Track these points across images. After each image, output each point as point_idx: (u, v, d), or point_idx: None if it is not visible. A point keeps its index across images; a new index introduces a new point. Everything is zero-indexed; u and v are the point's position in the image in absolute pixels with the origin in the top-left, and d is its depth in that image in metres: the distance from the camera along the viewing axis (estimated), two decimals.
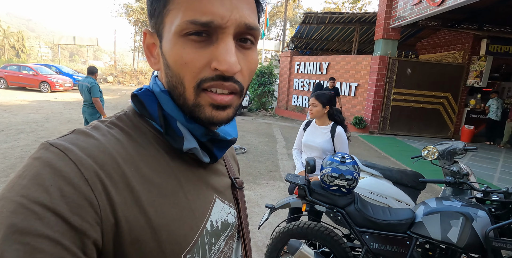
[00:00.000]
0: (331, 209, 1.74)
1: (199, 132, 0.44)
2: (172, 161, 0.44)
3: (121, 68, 25.91)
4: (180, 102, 0.42)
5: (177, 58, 0.40)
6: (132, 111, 0.46)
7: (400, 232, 1.68)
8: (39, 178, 0.32)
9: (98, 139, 0.38)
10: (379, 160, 5.94)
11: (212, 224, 0.47)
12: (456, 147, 2.56)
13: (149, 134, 0.44)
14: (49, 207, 0.31)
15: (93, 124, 0.42)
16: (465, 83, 8.62)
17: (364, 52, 12.32)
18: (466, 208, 1.61)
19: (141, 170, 0.39)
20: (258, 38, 0.43)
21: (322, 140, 2.22)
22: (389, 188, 2.66)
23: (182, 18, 0.38)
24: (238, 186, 0.57)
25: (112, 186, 0.36)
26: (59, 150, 0.35)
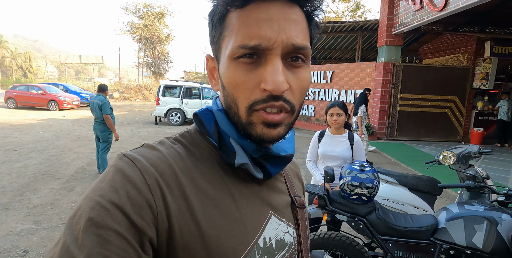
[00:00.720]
0: (353, 218, 1.73)
1: (251, 148, 0.46)
2: (226, 175, 0.46)
3: (126, 84, 26.33)
4: (235, 120, 0.45)
5: (230, 80, 0.42)
6: (194, 129, 0.51)
7: (424, 239, 1.66)
8: (112, 181, 0.37)
9: (162, 151, 0.43)
10: (390, 167, 5.88)
11: (265, 240, 0.46)
12: (471, 150, 2.55)
13: (206, 149, 0.47)
14: (118, 205, 0.35)
15: (160, 140, 0.47)
16: (472, 85, 8.59)
17: (367, 59, 12.40)
18: (489, 212, 1.59)
19: (196, 181, 0.43)
20: (309, 57, 0.44)
21: (342, 148, 2.23)
22: (405, 194, 2.63)
23: (234, 43, 0.41)
24: (299, 204, 0.55)
25: (169, 193, 0.39)
26: (129, 159, 0.40)
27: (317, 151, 2.30)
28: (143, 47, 31.17)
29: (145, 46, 30.94)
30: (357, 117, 5.72)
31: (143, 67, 32.65)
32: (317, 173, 2.25)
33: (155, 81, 26.95)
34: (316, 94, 10.46)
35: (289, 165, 0.64)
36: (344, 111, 2.20)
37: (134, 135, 8.43)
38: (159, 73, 31.78)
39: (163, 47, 31.96)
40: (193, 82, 12.19)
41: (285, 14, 0.41)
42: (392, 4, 7.96)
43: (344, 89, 9.53)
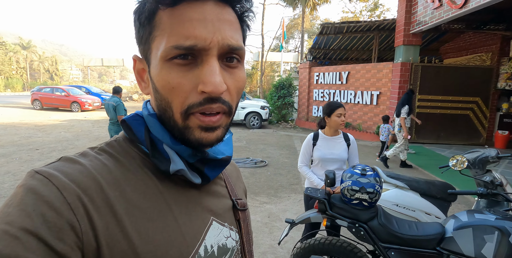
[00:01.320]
0: (353, 224, 1.67)
1: (186, 153, 0.44)
2: (161, 184, 0.43)
3: None
4: (170, 124, 0.43)
5: (164, 83, 0.40)
6: (123, 137, 0.47)
7: (429, 248, 1.58)
8: (23, 204, 0.33)
9: (84, 164, 0.39)
10: (406, 171, 5.69)
11: (207, 248, 0.45)
12: (488, 154, 2.41)
13: (138, 158, 0.44)
14: (31, 231, 0.31)
15: (82, 151, 0.43)
16: (496, 86, 8.18)
17: (384, 59, 12.09)
18: (501, 221, 1.49)
19: (127, 194, 0.40)
20: (243, 57, 0.44)
21: (340, 150, 2.18)
22: (416, 200, 2.52)
23: (167, 44, 0.39)
24: (240, 207, 0.55)
25: (94, 210, 0.36)
26: (44, 176, 0.36)
27: (310, 155, 2.22)
28: None
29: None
30: (400, 118, 5.58)
31: None
32: (314, 177, 2.17)
33: None
34: (332, 95, 10.31)
35: (229, 167, 0.62)
36: (345, 111, 2.17)
37: None
38: None
39: None
40: None
41: (218, 14, 0.40)
42: (410, 2, 7.72)
43: (360, 90, 9.32)
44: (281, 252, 2.70)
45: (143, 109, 0.48)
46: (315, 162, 2.22)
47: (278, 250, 2.73)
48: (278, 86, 11.52)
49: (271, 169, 5.44)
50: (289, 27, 29.73)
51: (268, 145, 7.69)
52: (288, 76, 12.29)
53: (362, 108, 9.44)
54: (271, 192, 4.25)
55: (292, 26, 30.35)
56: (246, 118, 10.74)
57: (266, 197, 4.10)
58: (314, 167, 2.24)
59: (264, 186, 4.52)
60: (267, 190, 4.34)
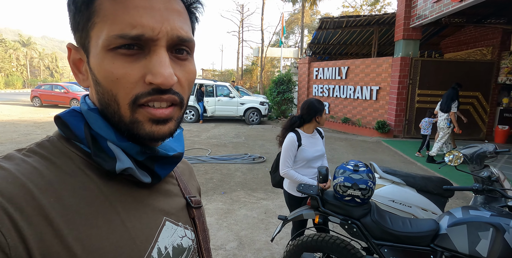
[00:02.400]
0: (346, 221, 1.64)
1: (134, 150, 0.41)
2: (105, 185, 0.40)
3: None
4: (115, 120, 0.39)
5: (107, 74, 0.37)
6: (58, 136, 0.42)
7: (423, 245, 1.55)
8: None
9: (8, 169, 0.35)
10: (404, 166, 5.66)
11: (160, 251, 0.42)
12: (486, 150, 2.37)
13: (76, 159, 0.40)
14: None
15: (5, 154, 0.38)
16: (496, 80, 8.11)
17: (384, 54, 11.99)
18: (496, 218, 1.46)
19: (63, 199, 0.36)
20: (193, 49, 0.42)
21: (320, 145, 2.19)
22: (412, 196, 2.50)
23: (110, 32, 0.36)
24: (194, 205, 0.53)
25: (23, 221, 0.32)
26: None
27: (295, 156, 2.09)
28: None
29: None
30: (451, 113, 5.60)
31: None
32: (306, 179, 2.06)
33: None
34: (331, 91, 10.25)
35: (180, 165, 0.60)
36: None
37: None
38: None
39: None
40: (209, 80, 12.32)
41: (166, 4, 0.38)
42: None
43: (360, 85, 9.26)
44: (276, 249, 2.69)
45: (81, 104, 0.43)
46: (300, 163, 2.11)
47: (274, 247, 2.71)
48: (278, 81, 11.46)
49: (269, 165, 5.42)
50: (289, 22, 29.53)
51: (267, 140, 7.66)
52: (287, 72, 12.21)
53: (361, 104, 9.38)
54: (268, 188, 4.23)
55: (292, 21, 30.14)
56: (245, 114, 10.73)
57: (263, 193, 4.09)
58: (299, 168, 2.13)
59: (261, 182, 4.50)
60: (264, 186, 4.32)
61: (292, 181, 2.14)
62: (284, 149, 2.08)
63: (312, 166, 2.13)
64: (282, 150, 2.10)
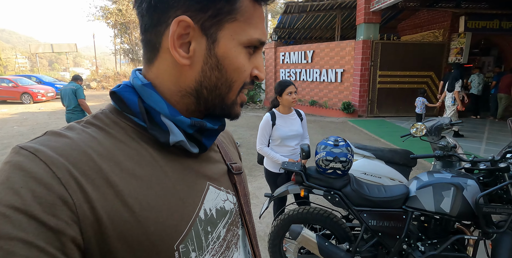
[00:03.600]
0: (329, 192, 1.78)
1: (185, 124, 0.45)
2: (156, 153, 0.43)
3: (103, 72, 25.39)
4: (215, 102, 0.47)
5: (239, 66, 0.45)
6: (110, 108, 0.45)
7: (396, 208, 1.74)
8: (9, 182, 0.32)
9: (71, 137, 0.38)
10: (369, 143, 6.04)
11: (206, 212, 0.46)
12: (443, 122, 2.64)
13: (128, 129, 0.43)
14: (20, 209, 0.30)
15: (68, 125, 0.42)
16: (447, 60, 8.77)
17: (347, 37, 12.37)
18: (456, 178, 1.67)
19: (121, 164, 0.39)
20: None
21: (297, 126, 2.27)
22: (381, 167, 2.73)
23: (254, 35, 0.45)
24: (235, 171, 0.56)
25: (88, 183, 0.35)
26: (29, 152, 0.34)
27: (270, 135, 2.23)
28: (119, 33, 29.88)
29: (121, 32, 29.66)
30: (455, 92, 5.92)
31: (121, 54, 31.44)
32: (277, 156, 2.20)
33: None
34: (298, 75, 10.44)
35: (222, 133, 0.64)
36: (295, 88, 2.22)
37: None
38: (138, 60, 30.76)
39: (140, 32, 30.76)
40: None
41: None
42: None
43: (325, 68, 9.54)
44: (260, 227, 2.82)
45: (133, 79, 0.46)
46: (276, 141, 2.24)
47: (258, 225, 2.84)
48: None
49: (243, 149, 5.51)
50: None
51: (239, 126, 7.72)
52: None
53: (327, 86, 9.71)
54: (245, 172, 4.33)
55: None
56: None
57: None
58: (275, 146, 2.26)
59: None
60: None
61: (266, 157, 2.30)
62: (260, 127, 2.26)
63: (287, 144, 2.24)
64: (259, 128, 2.26)
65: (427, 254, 1.67)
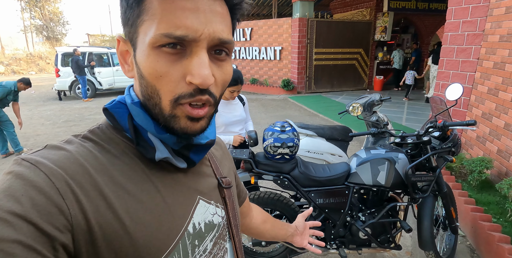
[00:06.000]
0: (278, 177, 1.82)
1: (171, 141, 0.45)
2: (148, 168, 0.45)
3: (12, 54, 21.70)
4: (156, 111, 0.43)
5: (151, 71, 0.40)
6: (106, 124, 0.47)
7: (339, 184, 1.87)
8: (11, 190, 0.34)
9: (70, 150, 0.40)
10: (309, 118, 6.36)
11: (195, 226, 0.47)
12: (374, 99, 2.86)
13: (122, 144, 0.45)
14: (20, 215, 0.32)
15: (66, 138, 0.44)
16: (373, 38, 9.46)
17: (284, 15, 12.42)
18: (389, 153, 1.85)
19: (114, 178, 0.41)
20: (232, 50, 0.45)
21: (240, 111, 2.24)
22: (323, 144, 2.90)
23: (157, 31, 0.38)
24: (225, 185, 0.57)
25: (83, 195, 0.37)
26: (31, 163, 0.36)
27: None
28: (28, 7, 25.57)
29: (29, 5, 25.39)
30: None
31: (32, 31, 27.14)
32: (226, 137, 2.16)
33: (52, 49, 22.82)
34: (237, 53, 10.28)
35: (214, 147, 0.64)
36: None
37: (33, 115, 7.21)
38: (55, 38, 26.98)
39: (54, 5, 26.72)
40: (100, 47, 10.67)
41: (211, 6, 0.40)
42: None
43: (264, 46, 9.54)
44: None
45: (126, 96, 0.47)
46: (220, 128, 2.19)
47: None
48: None
49: None
50: None
51: None
52: None
53: (267, 64, 9.78)
54: None
55: None
56: None
57: None
58: (221, 133, 2.21)
59: None
60: None
61: None
62: None
63: (231, 130, 2.21)
64: None
65: (367, 222, 1.86)
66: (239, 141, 2.13)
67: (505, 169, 2.82)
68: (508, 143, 2.78)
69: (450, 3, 3.59)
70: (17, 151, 4.41)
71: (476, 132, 3.37)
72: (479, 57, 3.34)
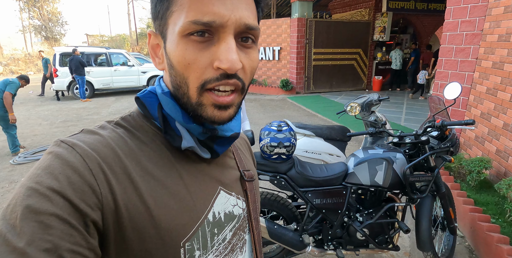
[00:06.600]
0: (275, 177, 1.80)
1: (197, 131, 0.47)
2: (173, 156, 0.47)
3: (11, 54, 21.65)
4: (184, 100, 0.44)
5: (180, 59, 0.41)
6: (137, 112, 0.49)
7: (337, 185, 1.85)
8: (50, 168, 0.36)
9: (103, 135, 0.42)
10: (308, 118, 6.34)
11: (214, 215, 0.49)
12: (372, 98, 2.84)
13: (151, 132, 0.47)
14: (58, 191, 0.35)
15: (100, 124, 0.46)
16: (372, 38, 9.45)
17: (283, 15, 12.41)
18: (387, 153, 1.83)
19: (142, 163, 0.43)
20: (258, 37, 0.45)
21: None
22: (321, 144, 2.88)
23: (185, 19, 0.40)
24: (247, 178, 0.58)
25: (113, 177, 0.39)
26: (68, 145, 0.39)
27: None
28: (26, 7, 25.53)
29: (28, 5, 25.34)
30: None
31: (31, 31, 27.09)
32: None
33: (50, 49, 22.77)
34: None
35: (239, 140, 0.65)
36: None
37: (31, 115, 7.17)
38: (54, 38, 26.89)
39: (52, 6, 26.65)
40: (98, 47, 10.64)
41: None
42: None
43: (263, 46, 9.52)
44: None
45: (156, 86, 0.49)
46: None
47: None
48: None
49: None
50: None
51: None
52: None
53: (265, 64, 9.76)
54: None
55: None
56: (149, 84, 9.93)
57: None
58: None
59: None
60: None
61: None
62: None
63: None
64: None
65: (365, 223, 1.83)
66: None
67: (504, 169, 2.81)
68: (507, 143, 2.77)
69: (449, 2, 3.57)
70: (14, 151, 4.44)
71: (475, 131, 3.36)
72: (478, 57, 3.33)
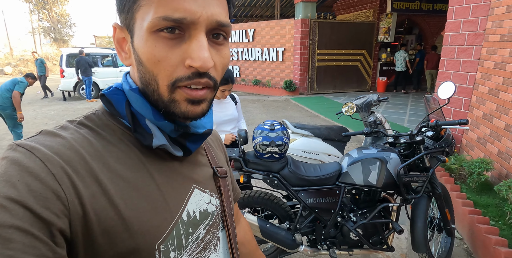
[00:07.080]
0: (267, 175, 1.80)
1: (169, 128, 0.45)
2: (144, 155, 0.45)
3: (20, 55, 22.05)
4: (154, 98, 0.43)
5: (149, 56, 0.40)
6: (102, 110, 0.46)
7: (330, 184, 1.84)
8: (7, 175, 0.34)
9: (65, 137, 0.40)
10: (310, 119, 6.32)
11: (189, 214, 0.48)
12: (371, 99, 2.83)
13: (118, 131, 0.44)
14: (17, 200, 0.32)
15: (61, 124, 0.43)
16: (377, 39, 9.39)
17: (287, 16, 12.42)
18: (381, 153, 1.81)
19: (110, 165, 0.41)
20: (229, 34, 0.44)
21: (232, 110, 2.21)
22: (319, 145, 2.87)
23: (154, 14, 0.38)
24: (220, 175, 0.57)
25: (79, 180, 0.37)
26: (26, 149, 0.36)
27: None
28: (36, 9, 26.01)
29: (37, 7, 25.82)
30: None
31: (40, 33, 27.57)
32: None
33: (58, 50, 23.15)
34: (240, 54, 10.29)
35: (210, 137, 0.65)
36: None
37: (38, 115, 7.29)
38: (62, 39, 27.36)
39: (61, 8, 27.11)
40: (105, 48, 10.77)
41: None
42: None
43: (266, 47, 9.53)
44: None
45: (123, 83, 0.47)
46: (214, 126, 2.19)
47: None
48: None
49: None
50: None
51: None
52: None
53: (269, 65, 9.76)
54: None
55: None
56: None
57: None
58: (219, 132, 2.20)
59: None
60: None
61: None
62: None
63: (223, 129, 2.18)
64: None
65: (359, 223, 1.82)
66: (231, 140, 2.11)
67: (506, 171, 2.76)
68: (509, 145, 2.73)
69: (451, 2, 3.54)
70: None
71: (477, 133, 3.31)
72: (480, 57, 3.28)
